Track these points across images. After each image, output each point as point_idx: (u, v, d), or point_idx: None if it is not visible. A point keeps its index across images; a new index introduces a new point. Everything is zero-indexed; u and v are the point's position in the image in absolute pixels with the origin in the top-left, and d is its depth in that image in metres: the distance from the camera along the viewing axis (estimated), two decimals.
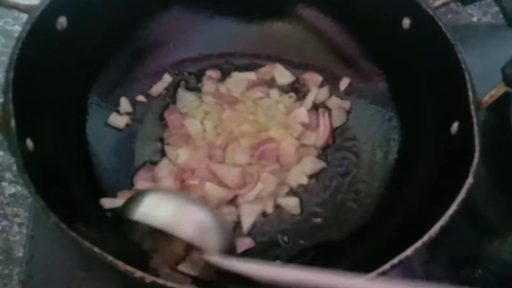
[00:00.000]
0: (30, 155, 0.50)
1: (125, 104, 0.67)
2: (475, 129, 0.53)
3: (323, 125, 0.68)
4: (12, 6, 0.56)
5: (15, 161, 0.47)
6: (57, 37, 0.57)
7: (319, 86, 0.72)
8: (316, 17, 0.72)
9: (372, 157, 0.67)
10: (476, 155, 0.51)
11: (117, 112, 0.67)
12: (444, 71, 0.59)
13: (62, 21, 0.58)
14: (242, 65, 0.73)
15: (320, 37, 0.73)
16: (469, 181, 0.49)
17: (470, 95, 0.55)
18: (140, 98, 0.69)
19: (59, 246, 0.60)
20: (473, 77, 0.56)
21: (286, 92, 0.71)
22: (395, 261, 0.45)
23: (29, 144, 0.50)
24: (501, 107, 0.60)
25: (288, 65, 0.73)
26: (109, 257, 0.44)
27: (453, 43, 0.58)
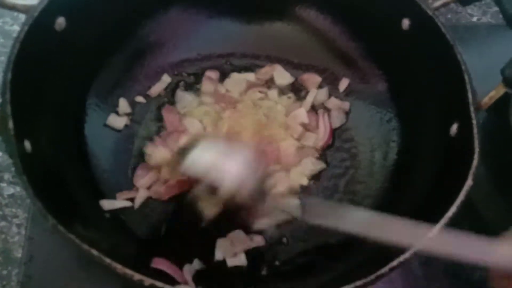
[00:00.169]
0: (28, 156, 0.49)
1: (124, 105, 0.67)
2: (475, 130, 0.53)
3: (322, 126, 0.68)
4: (10, 6, 0.56)
5: (13, 162, 0.47)
6: (55, 37, 0.57)
7: (318, 87, 0.72)
8: (315, 17, 0.72)
9: (371, 158, 0.67)
10: (476, 156, 0.51)
11: (116, 113, 0.67)
12: (444, 72, 0.59)
13: (61, 21, 0.58)
14: (241, 66, 0.73)
15: (319, 37, 0.73)
16: (469, 183, 0.50)
17: (470, 96, 0.55)
18: (139, 99, 0.69)
19: (58, 247, 0.60)
20: (473, 77, 0.56)
21: (285, 93, 0.71)
22: (395, 263, 0.45)
23: (27, 145, 0.50)
24: (501, 108, 0.60)
25: (288, 65, 0.73)
26: (107, 259, 0.44)
27: (452, 44, 0.58)
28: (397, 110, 0.68)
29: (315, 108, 0.70)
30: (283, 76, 0.72)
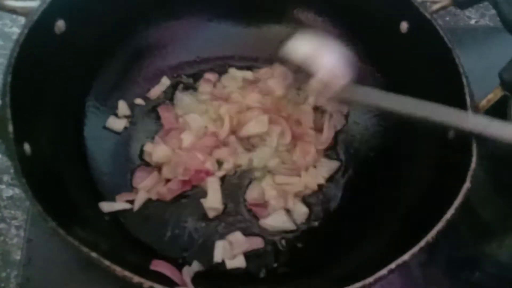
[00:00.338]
0: (28, 159, 0.50)
1: (123, 107, 0.67)
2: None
3: (327, 128, 0.68)
4: (10, 9, 0.56)
5: (13, 165, 0.47)
6: (55, 40, 0.57)
7: None
8: (313, 20, 0.72)
9: (369, 160, 0.67)
10: (474, 159, 0.51)
11: (115, 115, 0.67)
12: (442, 74, 0.59)
13: (60, 24, 0.58)
14: (240, 68, 0.73)
15: None
16: (467, 185, 0.50)
17: (468, 99, 0.55)
18: (138, 101, 0.69)
19: (57, 249, 0.60)
20: (471, 79, 0.56)
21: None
22: (392, 265, 0.46)
23: (27, 148, 0.50)
24: (499, 110, 0.61)
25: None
26: (106, 261, 0.44)
27: (450, 47, 0.58)
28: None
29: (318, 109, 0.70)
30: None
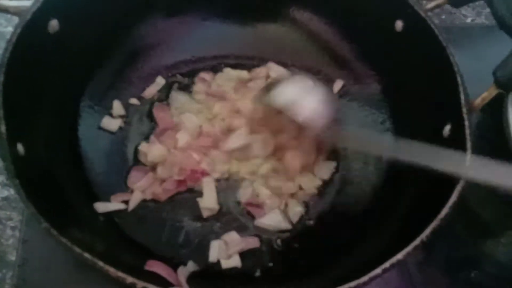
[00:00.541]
0: (21, 160, 0.49)
1: (118, 107, 0.67)
2: (467, 131, 0.53)
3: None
4: (2, 9, 0.56)
5: (5, 166, 0.47)
6: (49, 40, 0.57)
7: None
8: (309, 19, 0.73)
9: (364, 160, 0.67)
10: (468, 158, 0.51)
11: (110, 115, 0.66)
12: (437, 73, 0.59)
13: (54, 24, 0.57)
14: (235, 67, 0.73)
15: (313, 39, 0.73)
16: (461, 184, 0.50)
17: (462, 97, 0.55)
18: (133, 101, 0.68)
19: (53, 250, 0.59)
20: (466, 77, 0.56)
21: None
22: (387, 265, 0.46)
23: (20, 149, 0.50)
24: (495, 108, 0.61)
25: (281, 67, 0.73)
26: (100, 262, 0.44)
27: (445, 46, 0.58)
28: (391, 111, 0.68)
29: None
30: (277, 70, 0.72)
